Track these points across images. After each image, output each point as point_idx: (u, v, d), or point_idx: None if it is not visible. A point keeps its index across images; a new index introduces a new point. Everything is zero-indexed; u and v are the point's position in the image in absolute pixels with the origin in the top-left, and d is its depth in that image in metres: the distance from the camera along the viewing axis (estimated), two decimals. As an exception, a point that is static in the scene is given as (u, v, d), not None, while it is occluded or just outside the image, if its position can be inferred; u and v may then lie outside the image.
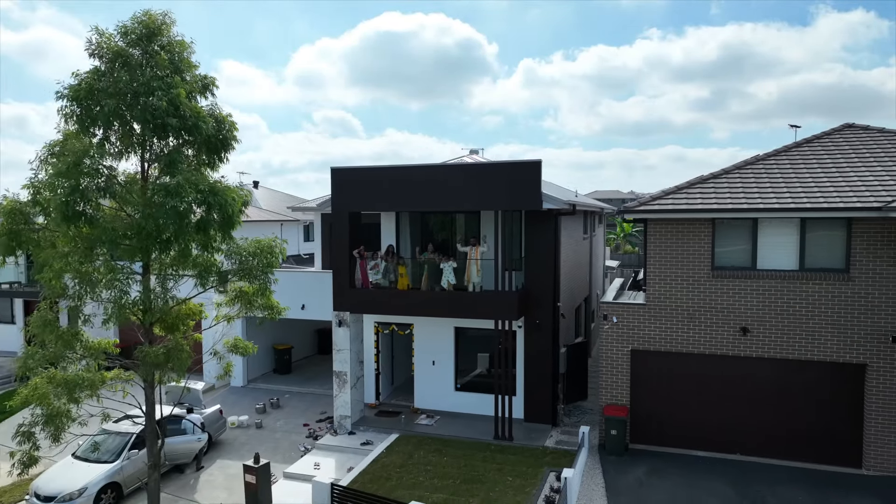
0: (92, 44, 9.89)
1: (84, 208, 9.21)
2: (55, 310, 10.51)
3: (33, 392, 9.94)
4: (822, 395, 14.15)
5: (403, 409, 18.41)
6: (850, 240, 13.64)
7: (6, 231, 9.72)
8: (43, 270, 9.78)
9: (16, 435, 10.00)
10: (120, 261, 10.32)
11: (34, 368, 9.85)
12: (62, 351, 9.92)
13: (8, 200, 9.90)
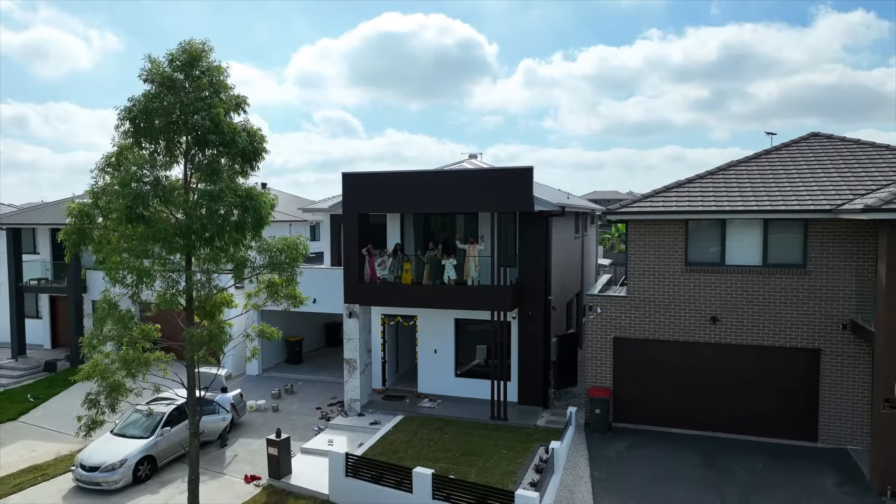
0: (145, 71, 11.56)
1: (142, 212, 10.87)
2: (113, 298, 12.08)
3: (94, 368, 11.60)
4: (783, 377, 15.83)
5: (408, 393, 20.09)
6: (806, 238, 15.33)
7: (75, 230, 11.40)
8: (104, 263, 11.44)
9: (84, 402, 11.63)
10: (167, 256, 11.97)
11: (97, 347, 11.50)
12: (121, 332, 11.57)
13: (76, 203, 11.57)
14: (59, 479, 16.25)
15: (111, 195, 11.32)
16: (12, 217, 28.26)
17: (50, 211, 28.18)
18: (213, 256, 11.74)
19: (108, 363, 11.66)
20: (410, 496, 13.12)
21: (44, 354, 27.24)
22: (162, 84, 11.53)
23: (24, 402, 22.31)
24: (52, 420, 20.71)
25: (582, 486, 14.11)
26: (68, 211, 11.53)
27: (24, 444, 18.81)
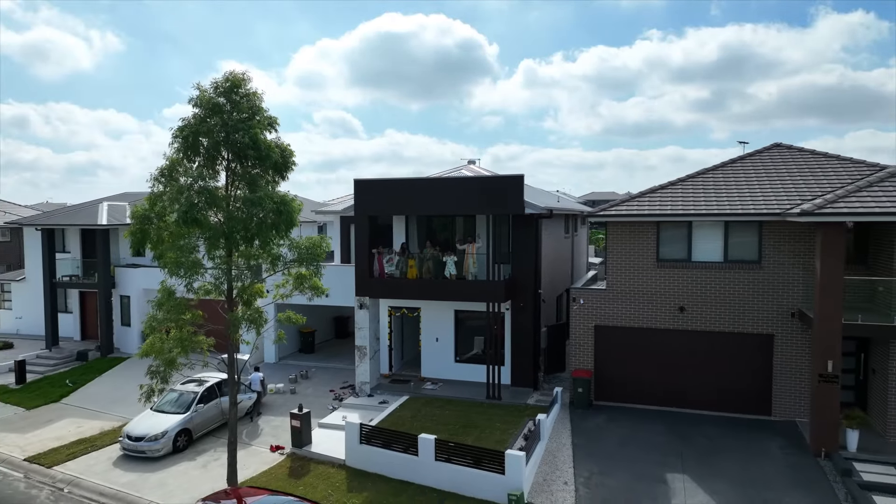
0: (193, 98, 13.79)
1: (196, 216, 13.10)
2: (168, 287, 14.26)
3: (151, 346, 13.83)
4: (741, 359, 18.08)
5: (412, 377, 22.35)
6: (761, 238, 17.59)
7: (137, 230, 13.64)
8: (162, 258, 13.68)
9: (148, 373, 13.82)
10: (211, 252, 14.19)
11: (156, 328, 13.73)
12: (176, 315, 13.79)
13: (137, 207, 13.80)
14: (107, 450, 18.49)
15: (166, 202, 13.58)
16: (46, 219, 30.54)
17: (79, 213, 30.44)
18: (253, 253, 14.00)
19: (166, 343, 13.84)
20: (416, 458, 15.37)
21: (75, 345, 29.48)
22: (208, 108, 13.78)
23: (63, 387, 24.56)
24: (92, 402, 22.97)
25: (564, 451, 16.38)
26: (132, 214, 13.79)
27: (70, 421, 21.06)
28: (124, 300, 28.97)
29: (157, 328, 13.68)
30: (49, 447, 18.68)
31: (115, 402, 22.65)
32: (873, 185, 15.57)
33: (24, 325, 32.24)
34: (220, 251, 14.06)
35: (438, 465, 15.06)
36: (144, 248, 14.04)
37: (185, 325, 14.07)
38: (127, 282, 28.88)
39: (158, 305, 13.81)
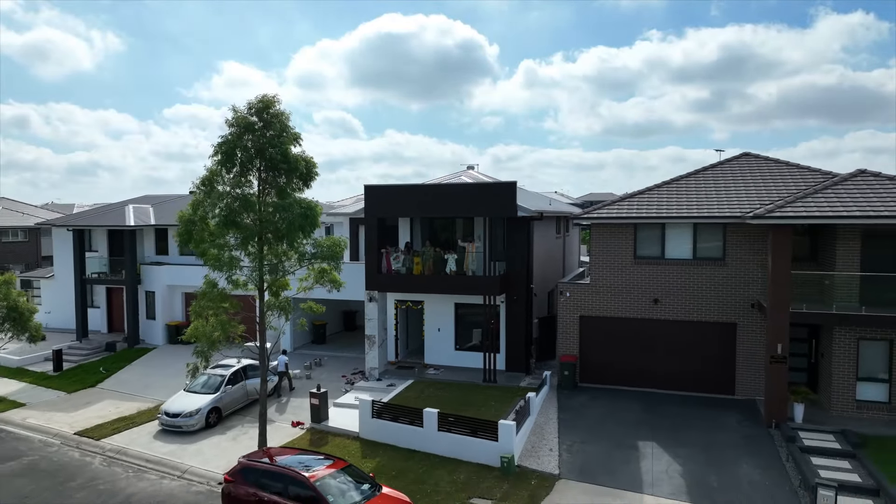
0: (230, 120, 16.10)
1: (235, 219, 15.44)
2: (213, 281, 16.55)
3: (195, 330, 16.16)
4: (708, 345, 20.44)
5: (416, 364, 24.70)
6: (725, 238, 19.94)
7: (184, 230, 15.98)
8: (206, 254, 16.00)
9: (194, 352, 16.13)
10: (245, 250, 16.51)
11: (201, 313, 16.06)
12: (217, 304, 16.13)
13: (183, 212, 16.15)
14: (146, 426, 20.82)
15: (207, 207, 15.92)
16: (77, 220, 32.88)
17: (107, 214, 32.79)
18: (283, 251, 16.35)
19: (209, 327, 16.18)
20: (421, 430, 17.72)
21: (103, 337, 31.82)
22: (243, 126, 16.12)
23: (97, 374, 26.90)
24: (125, 386, 25.31)
25: (550, 425, 18.74)
26: (178, 217, 16.15)
27: (109, 402, 23.40)
28: (149, 295, 31.31)
29: (201, 314, 16.02)
30: (94, 423, 21.03)
31: (147, 386, 24.99)
32: (818, 193, 17.93)
33: (52, 320, 34.52)
34: (252, 248, 16.40)
35: (441, 435, 17.42)
36: (188, 244, 16.34)
37: (223, 312, 16.42)
38: (152, 278, 31.23)
39: (202, 295, 16.14)
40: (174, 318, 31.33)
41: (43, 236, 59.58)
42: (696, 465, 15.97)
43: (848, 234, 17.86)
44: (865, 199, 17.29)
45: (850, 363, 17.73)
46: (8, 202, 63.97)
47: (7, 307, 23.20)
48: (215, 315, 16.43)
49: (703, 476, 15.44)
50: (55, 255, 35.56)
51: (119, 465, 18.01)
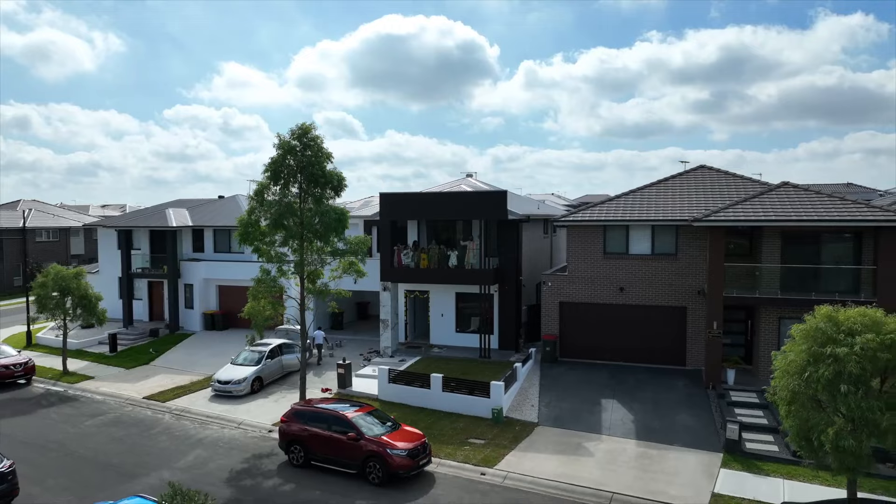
0: (277, 144, 20.44)
1: (282, 222, 19.81)
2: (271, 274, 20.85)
3: (252, 308, 20.54)
4: (664, 325, 24.80)
5: (423, 344, 29.07)
6: (677, 237, 24.31)
7: (243, 231, 20.35)
8: (259, 250, 20.36)
9: (252, 326, 20.49)
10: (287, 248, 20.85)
11: (256, 296, 20.43)
12: (269, 288, 20.49)
13: (242, 216, 20.50)
14: (200, 392, 25.20)
15: (260, 213, 20.31)
16: (123, 220, 37.27)
17: (149, 217, 37.19)
18: (319, 247, 20.73)
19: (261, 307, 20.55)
20: (429, 391, 22.11)
21: (146, 325, 36.21)
22: (286, 149, 20.48)
23: (148, 354, 31.29)
24: (174, 364, 29.69)
25: (533, 388, 23.14)
26: (238, 221, 20.56)
27: (164, 376, 27.76)
28: (188, 288, 35.71)
29: (256, 297, 20.43)
30: (157, 391, 25.43)
31: (193, 364, 29.37)
32: (747, 201, 22.32)
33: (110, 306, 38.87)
34: (295, 245, 20.78)
35: (444, 395, 21.82)
36: (247, 243, 20.72)
37: (269, 295, 20.84)
38: (190, 273, 35.63)
39: (259, 282, 20.54)
40: (209, 308, 35.74)
41: (72, 236, 64.14)
42: (645, 415, 20.36)
43: (771, 234, 22.25)
44: (783, 206, 21.69)
45: (772, 337, 22.09)
46: (38, 204, 68.42)
47: (79, 296, 27.58)
48: (265, 298, 20.85)
49: (649, 422, 19.84)
50: (100, 252, 39.95)
51: (185, 419, 22.42)
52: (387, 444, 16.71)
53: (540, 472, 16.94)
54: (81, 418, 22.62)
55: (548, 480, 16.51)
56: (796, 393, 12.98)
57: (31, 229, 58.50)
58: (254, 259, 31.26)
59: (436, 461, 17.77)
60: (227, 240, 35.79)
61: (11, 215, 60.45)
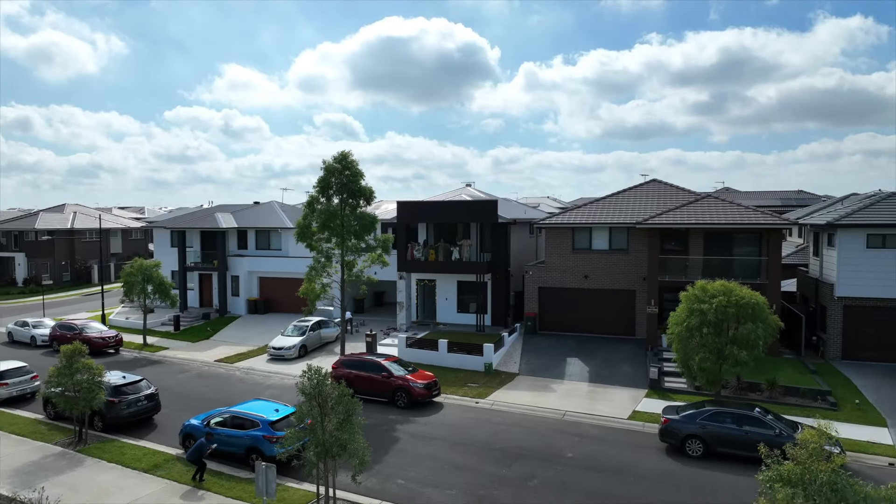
0: (323, 167, 27.53)
1: (329, 224, 26.93)
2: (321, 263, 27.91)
3: (307, 288, 27.69)
4: (619, 304, 31.95)
5: (430, 322, 36.24)
6: (628, 236, 31.50)
7: (300, 232, 27.48)
8: (313, 247, 27.49)
9: (308, 303, 27.59)
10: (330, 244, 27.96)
11: (311, 279, 27.56)
12: (319, 275, 27.60)
13: (300, 220, 27.60)
14: (257, 357, 32.33)
15: (311, 218, 27.47)
16: (177, 223, 44.45)
17: (201, 219, 44.35)
18: (355, 244, 27.88)
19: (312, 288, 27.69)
20: (437, 352, 29.31)
21: (198, 310, 43.32)
22: (330, 170, 27.61)
23: (206, 332, 38.44)
24: (230, 338, 36.82)
25: (516, 352, 30.33)
26: (297, 224, 27.73)
27: (224, 347, 34.90)
28: (234, 279, 42.89)
29: (311, 280, 27.58)
30: (224, 356, 32.57)
31: (245, 338, 36.51)
32: (678, 209, 29.51)
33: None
34: (336, 242, 27.90)
35: (448, 355, 29.01)
36: (303, 241, 27.82)
37: (318, 279, 27.98)
38: (236, 266, 42.80)
39: (312, 269, 27.65)
40: (252, 295, 42.93)
41: (111, 237, 71.23)
42: (598, 367, 27.55)
43: (696, 234, 29.45)
44: (703, 213, 28.89)
45: (696, 312, 29.18)
46: (81, 207, 75.54)
47: (157, 283, 34.73)
48: (315, 281, 27.99)
49: (599, 371, 27.04)
50: (155, 249, 47.12)
51: (252, 374, 29.56)
52: (410, 380, 23.92)
53: (517, 401, 24.13)
54: (173, 373, 29.75)
55: (522, 405, 23.70)
56: (679, 335, 20.20)
57: (78, 230, 65.74)
58: (289, 255, 39.23)
59: (443, 397, 24.92)
60: (267, 238, 43.01)
61: (59, 217, 67.68)
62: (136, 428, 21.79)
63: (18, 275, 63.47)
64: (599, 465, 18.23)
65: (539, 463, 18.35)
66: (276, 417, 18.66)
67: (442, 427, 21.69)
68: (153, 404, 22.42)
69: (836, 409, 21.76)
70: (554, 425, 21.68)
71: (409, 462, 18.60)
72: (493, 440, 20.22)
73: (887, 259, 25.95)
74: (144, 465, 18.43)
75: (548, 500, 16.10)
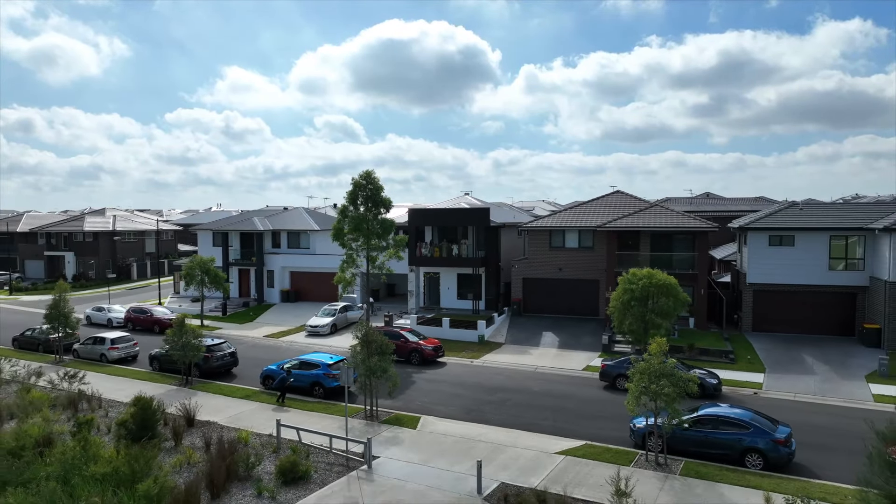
0: (352, 182, 35.52)
1: (358, 227, 34.86)
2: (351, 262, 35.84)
3: (338, 278, 35.69)
4: (586, 291, 39.95)
5: (435, 307, 44.26)
6: (594, 237, 39.55)
7: (335, 234, 35.42)
8: (345, 245, 35.45)
9: (342, 289, 35.52)
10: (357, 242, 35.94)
11: (343, 269, 35.52)
12: (349, 266, 35.54)
13: (335, 224, 35.54)
14: (297, 334, 40.35)
15: (344, 223, 35.52)
16: (220, 225, 52.48)
17: (240, 222, 52.36)
18: (377, 243, 35.89)
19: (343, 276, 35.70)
20: (441, 328, 37.36)
21: (239, 300, 51.34)
22: (357, 185, 35.64)
23: (248, 316, 46.44)
24: (270, 321, 44.83)
25: (504, 328, 38.38)
26: (333, 227, 35.79)
27: (267, 327, 42.91)
28: (269, 273, 50.90)
29: (343, 270, 35.59)
30: (269, 333, 40.57)
31: (282, 321, 44.52)
32: (630, 215, 37.55)
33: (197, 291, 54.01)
34: (363, 241, 35.89)
35: (450, 329, 37.08)
36: (337, 241, 35.81)
37: (349, 269, 36.01)
38: (271, 262, 50.82)
39: (345, 262, 35.66)
40: (285, 287, 50.96)
41: (146, 238, 79.22)
42: (566, 338, 35.57)
43: (644, 234, 37.47)
44: (649, 219, 36.92)
45: (645, 296, 37.17)
46: (118, 211, 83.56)
47: (213, 275, 42.73)
48: (346, 271, 35.99)
49: (566, 341, 35.08)
50: (199, 248, 55.15)
51: (295, 346, 37.54)
52: (421, 345, 31.96)
53: (502, 361, 32.14)
54: (234, 344, 37.74)
55: (506, 363, 31.72)
56: (617, 308, 28.22)
57: (119, 232, 73.76)
58: (315, 253, 47.36)
59: (445, 358, 32.91)
60: (297, 239, 51.06)
61: (102, 220, 75.71)
62: (223, 376, 29.80)
63: (68, 271, 71.46)
64: (555, 394, 26.24)
65: (513, 393, 26.37)
66: (331, 362, 26.73)
67: (446, 375, 29.71)
68: (233, 360, 30.46)
69: (734, 362, 29.77)
70: (527, 374, 29.69)
71: (423, 394, 26.60)
72: (482, 382, 28.24)
73: (784, 254, 33.96)
74: (239, 395, 26.45)
75: (516, 412, 24.07)
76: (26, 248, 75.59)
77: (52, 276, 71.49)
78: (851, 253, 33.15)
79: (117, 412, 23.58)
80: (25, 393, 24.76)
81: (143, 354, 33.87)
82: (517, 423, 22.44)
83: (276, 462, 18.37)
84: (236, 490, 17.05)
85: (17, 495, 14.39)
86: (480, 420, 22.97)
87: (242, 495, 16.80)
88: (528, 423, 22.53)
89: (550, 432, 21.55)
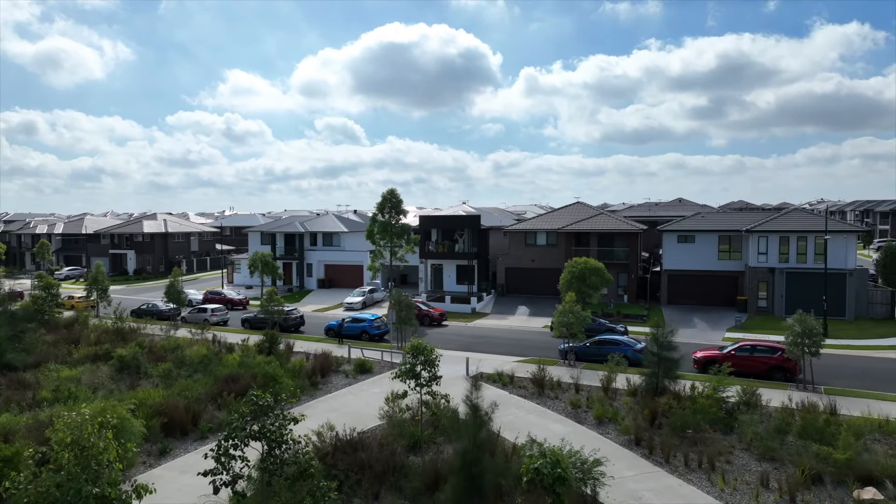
0: (382, 195, 49.06)
1: (386, 228, 48.31)
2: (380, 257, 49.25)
3: (371, 265, 49.26)
4: (552, 277, 53.26)
5: (439, 291, 57.86)
6: (558, 237, 53.17)
7: (369, 234, 48.87)
8: (376, 243, 48.96)
9: (372, 275, 48.98)
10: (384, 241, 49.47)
11: (374, 259, 49.01)
12: (378, 258, 49.00)
13: (369, 227, 48.99)
14: (335, 310, 53.94)
15: (374, 226, 49.20)
16: (268, 227, 66.15)
17: (284, 225, 66.03)
18: (398, 242, 49.50)
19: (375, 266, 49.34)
20: (444, 303, 50.99)
21: (283, 287, 64.90)
22: (384, 198, 49.28)
23: (295, 298, 60.04)
24: (312, 301, 58.41)
25: (490, 304, 52.05)
26: (367, 228, 49.42)
27: (312, 305, 56.48)
28: (308, 265, 64.51)
29: (374, 260, 49.20)
30: (315, 309, 54.16)
31: (322, 301, 58.09)
32: (582, 220, 51.20)
33: (247, 280, 67.55)
34: (387, 239, 49.48)
35: (451, 304, 50.74)
36: (370, 239, 49.38)
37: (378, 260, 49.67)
38: (309, 257, 64.44)
39: (373, 255, 49.23)
40: (320, 276, 64.59)
41: (192, 238, 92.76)
42: (535, 310, 49.17)
43: (593, 235, 51.07)
44: (596, 222, 50.55)
45: (593, 280, 50.86)
46: (167, 215, 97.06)
47: (271, 267, 56.31)
48: (376, 262, 49.61)
49: (535, 312, 48.72)
50: (250, 246, 68.76)
51: (336, 315, 51.11)
52: (431, 312, 45.63)
53: (487, 324, 45.74)
54: (291, 316, 51.33)
55: (490, 326, 45.31)
56: (564, 284, 41.88)
57: (170, 233, 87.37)
58: (345, 249, 61.26)
59: (448, 322, 46.46)
60: (330, 239, 64.67)
61: (155, 223, 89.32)
62: (295, 332, 43.40)
63: (129, 267, 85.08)
64: (520, 340, 39.82)
65: (492, 339, 39.96)
66: (372, 318, 40.46)
67: (448, 332, 43.31)
68: (302, 321, 44.14)
69: (645, 321, 43.38)
70: (504, 330, 43.26)
71: (434, 341, 39.97)
72: (473, 334, 41.80)
73: (689, 249, 47.51)
74: (312, 340, 40.06)
75: (493, 346, 37.54)
76: (92, 247, 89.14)
77: (115, 270, 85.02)
78: (734, 247, 46.76)
79: (240, 347, 37.18)
80: (173, 338, 38.33)
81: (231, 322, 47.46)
82: (492, 351, 36.05)
83: (353, 363, 32.01)
84: (332, 375, 30.65)
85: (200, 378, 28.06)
86: (470, 350, 36.56)
87: (336, 376, 30.42)
88: (499, 351, 36.14)
89: (512, 354, 35.17)
